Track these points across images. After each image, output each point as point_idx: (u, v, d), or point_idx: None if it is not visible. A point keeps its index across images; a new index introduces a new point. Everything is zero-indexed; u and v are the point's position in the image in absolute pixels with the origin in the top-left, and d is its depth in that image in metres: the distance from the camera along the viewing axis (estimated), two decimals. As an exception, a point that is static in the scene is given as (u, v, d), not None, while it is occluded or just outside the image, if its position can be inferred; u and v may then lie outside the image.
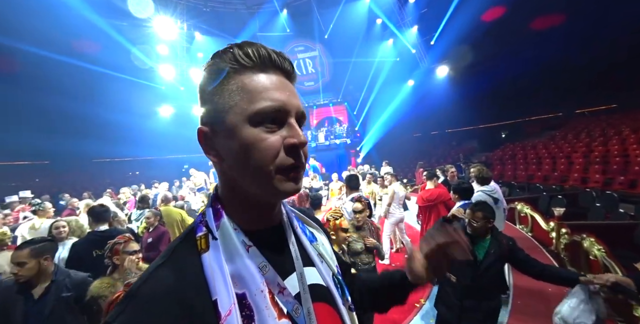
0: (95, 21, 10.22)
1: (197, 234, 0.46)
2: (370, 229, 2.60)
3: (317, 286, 0.53)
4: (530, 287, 3.30)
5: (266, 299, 0.43)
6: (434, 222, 3.71)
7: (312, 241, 0.59)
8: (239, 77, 0.45)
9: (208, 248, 0.44)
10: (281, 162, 0.44)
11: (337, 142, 16.02)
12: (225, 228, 0.46)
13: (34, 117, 11.85)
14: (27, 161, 13.39)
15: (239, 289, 0.42)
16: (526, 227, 5.30)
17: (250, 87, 0.44)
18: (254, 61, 0.45)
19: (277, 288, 0.46)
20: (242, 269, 0.43)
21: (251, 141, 0.43)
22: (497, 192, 3.28)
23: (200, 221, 0.49)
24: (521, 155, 10.74)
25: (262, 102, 0.43)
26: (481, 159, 11.98)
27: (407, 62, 14.91)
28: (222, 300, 0.40)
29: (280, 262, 0.49)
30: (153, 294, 0.39)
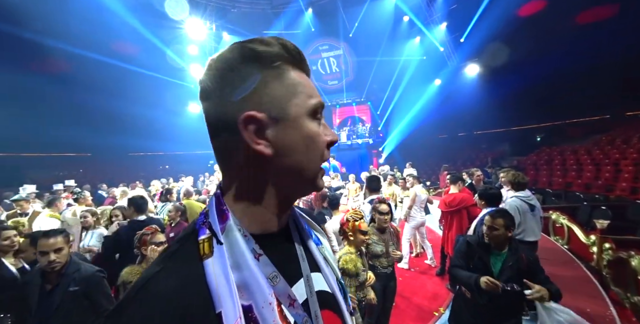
0: (134, 24, 10.94)
1: (199, 237, 0.41)
2: (390, 232, 2.54)
3: (323, 293, 0.50)
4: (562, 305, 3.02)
5: (274, 313, 0.39)
6: (456, 229, 3.52)
7: (318, 244, 0.56)
8: (294, 70, 0.45)
9: (212, 253, 0.39)
10: (325, 158, 0.46)
11: (359, 142, 15.81)
12: (231, 232, 0.41)
13: (79, 113, 12.91)
14: (72, 152, 14.61)
15: (245, 301, 0.38)
16: (562, 239, 4.88)
17: (305, 83, 0.45)
18: (301, 59, 0.46)
19: (287, 300, 0.42)
20: (249, 279, 0.39)
21: (313, 135, 0.44)
22: (533, 199, 3.05)
23: (202, 222, 0.43)
24: (559, 160, 9.92)
25: (315, 98, 0.45)
26: (512, 164, 11.23)
27: (434, 61, 14.34)
28: (227, 313, 0.35)
29: (288, 268, 0.46)
30: (146, 307, 0.34)
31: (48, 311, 1.58)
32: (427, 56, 14.66)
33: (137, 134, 14.33)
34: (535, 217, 3.01)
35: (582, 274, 3.70)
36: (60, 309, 1.59)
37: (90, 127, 12.81)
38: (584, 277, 3.64)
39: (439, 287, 3.68)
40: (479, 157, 13.49)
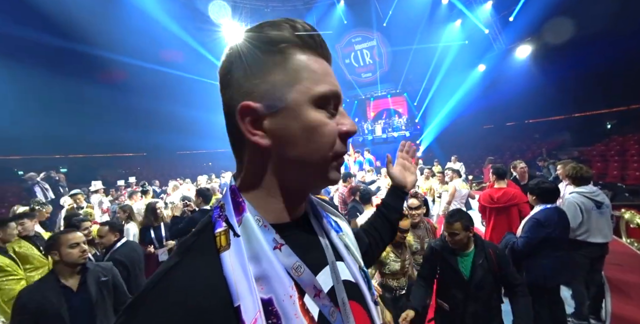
0: (177, 32, 12.00)
1: (215, 230, 0.40)
2: (426, 227, 2.49)
3: (347, 283, 0.49)
4: (635, 317, 2.61)
5: (295, 306, 0.38)
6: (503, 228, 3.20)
7: (338, 232, 0.55)
8: (303, 54, 0.42)
9: (229, 246, 0.38)
10: (337, 149, 0.43)
11: (394, 135, 15.29)
12: (248, 224, 0.40)
13: (134, 116, 14.52)
14: (131, 153, 16.49)
15: (264, 294, 0.36)
16: (637, 242, 4.20)
17: (315, 68, 0.42)
18: (314, 41, 0.43)
19: (313, 290, 0.41)
20: (268, 271, 0.38)
21: (316, 124, 0.40)
22: (600, 194, 2.66)
23: (218, 215, 0.42)
24: (635, 150, 8.50)
25: (326, 85, 0.42)
26: (573, 155, 9.89)
27: (477, 45, 13.17)
28: (246, 306, 0.34)
29: (311, 257, 0.44)
30: (164, 300, 0.34)
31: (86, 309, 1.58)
32: (469, 40, 13.53)
33: (184, 134, 15.62)
34: (603, 215, 2.62)
35: (664, 283, 3.15)
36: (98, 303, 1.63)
37: (145, 129, 14.29)
38: (665, 287, 3.09)
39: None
40: (531, 148, 12.13)
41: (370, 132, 16.06)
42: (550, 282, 2.24)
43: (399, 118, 15.98)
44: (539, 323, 2.25)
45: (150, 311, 0.33)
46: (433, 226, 2.56)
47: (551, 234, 2.20)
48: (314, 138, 0.41)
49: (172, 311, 0.33)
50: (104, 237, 2.34)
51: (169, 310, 0.33)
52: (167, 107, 13.96)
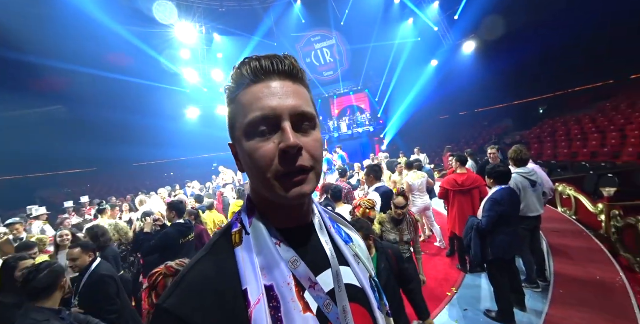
0: (124, 35, 10.92)
1: (232, 230, 0.51)
2: (408, 221, 2.57)
3: (351, 287, 0.53)
4: (573, 275, 3.09)
5: (292, 292, 0.45)
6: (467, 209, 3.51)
7: (348, 242, 0.60)
8: (238, 95, 0.49)
9: (241, 243, 0.49)
10: (276, 170, 0.45)
11: (359, 131, 15.75)
12: (256, 225, 0.50)
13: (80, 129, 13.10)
14: (78, 169, 14.88)
15: (267, 281, 0.45)
16: (569, 210, 4.90)
17: (244, 102, 0.47)
18: (248, 77, 0.47)
19: (308, 282, 0.47)
20: (271, 262, 0.47)
21: (249, 153, 0.46)
22: (535, 174, 3.06)
23: (236, 218, 0.54)
24: (563, 131, 9.79)
25: (251, 114, 0.46)
26: (516, 139, 11.11)
27: (429, 42, 14.05)
28: (252, 290, 0.43)
29: (312, 259, 0.51)
30: (194, 282, 0.44)
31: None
32: (421, 37, 14.36)
33: (139, 144, 14.49)
34: (536, 193, 3.03)
35: (592, 243, 3.74)
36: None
37: (92, 142, 12.99)
38: (593, 246, 3.68)
39: (450, 268, 3.77)
40: (482, 135, 13.37)
41: (336, 130, 16.37)
42: (508, 254, 2.56)
43: (362, 114, 16.49)
44: (502, 291, 2.57)
45: (184, 288, 0.44)
46: (415, 219, 2.64)
47: (506, 211, 2.51)
48: (252, 165, 0.47)
49: (199, 289, 0.44)
50: (78, 260, 2.13)
51: (197, 291, 0.43)
52: (118, 117, 12.80)
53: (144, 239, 2.95)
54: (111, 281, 2.09)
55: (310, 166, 0.47)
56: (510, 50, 11.90)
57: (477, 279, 3.38)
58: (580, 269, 3.17)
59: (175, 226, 2.98)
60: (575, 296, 2.73)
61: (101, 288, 2.05)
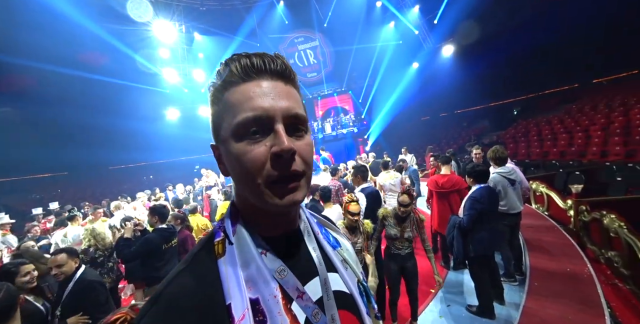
0: (97, 31, 10.36)
1: (215, 240, 0.47)
2: (412, 219, 2.59)
3: (339, 293, 0.52)
4: (547, 268, 3.27)
5: (279, 305, 0.43)
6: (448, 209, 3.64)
7: (336, 247, 0.58)
8: (226, 93, 0.45)
9: (224, 253, 0.45)
10: (268, 175, 0.42)
11: (344, 132, 15.89)
12: (240, 234, 0.46)
13: (49, 131, 12.32)
14: (47, 173, 13.99)
15: (252, 294, 0.42)
16: (542, 206, 5.19)
17: (233, 101, 0.44)
18: (237, 74, 0.44)
19: (295, 292, 0.45)
20: (256, 274, 0.43)
21: (236, 155, 0.43)
22: (514, 173, 3.20)
23: (219, 226, 0.50)
24: (535, 132, 10.37)
25: (242, 114, 0.42)
26: (493, 139, 11.65)
27: (410, 45, 14.45)
28: (236, 305, 0.40)
29: (299, 267, 0.48)
30: (172, 299, 0.41)
31: None
32: (403, 40, 14.73)
33: (116, 147, 13.86)
34: (515, 191, 3.19)
35: (562, 237, 3.99)
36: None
37: (64, 145, 12.28)
38: (563, 240, 3.92)
39: (434, 264, 3.87)
40: (462, 135, 13.90)
41: (320, 131, 16.43)
42: (489, 250, 2.68)
43: (346, 115, 16.65)
44: (483, 287, 2.68)
45: (161, 305, 0.40)
46: (419, 218, 2.63)
47: (485, 208, 2.62)
48: (240, 168, 0.43)
49: (178, 306, 0.40)
50: (65, 266, 1.99)
51: (176, 306, 0.40)
52: (94, 119, 12.18)
53: (124, 245, 2.82)
54: (100, 288, 2.01)
55: (303, 171, 0.44)
56: (485, 54, 12.49)
57: (459, 276, 3.50)
58: (553, 262, 3.37)
59: (157, 231, 2.88)
60: (549, 288, 2.89)
61: (89, 295, 1.96)
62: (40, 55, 9.83)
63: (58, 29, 9.68)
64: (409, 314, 2.67)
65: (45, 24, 9.45)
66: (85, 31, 10.06)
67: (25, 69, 10.02)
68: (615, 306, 2.54)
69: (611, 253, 3.19)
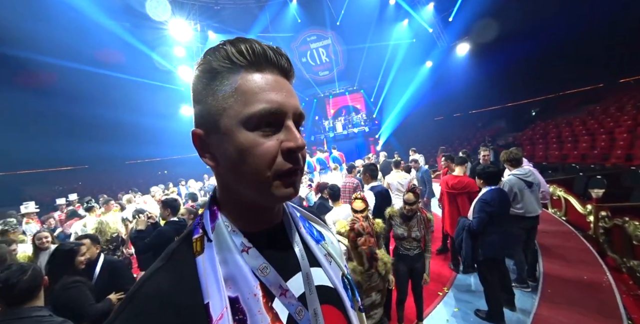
0: (116, 30, 10.73)
1: (193, 237, 0.46)
2: (418, 218, 2.55)
3: (323, 288, 0.51)
4: (562, 275, 3.14)
5: (259, 304, 0.42)
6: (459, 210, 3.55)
7: (319, 241, 0.57)
8: (233, 77, 0.42)
9: (203, 250, 0.43)
10: (279, 168, 0.42)
11: (355, 131, 15.81)
12: (220, 230, 0.45)
13: (71, 126, 12.85)
14: (69, 166, 14.61)
15: (232, 293, 0.41)
16: (559, 211, 4.98)
17: (245, 88, 0.42)
18: (248, 59, 0.42)
19: (278, 290, 0.44)
20: (235, 272, 0.42)
21: (246, 146, 0.41)
22: (531, 175, 3.07)
23: (197, 223, 0.48)
24: (554, 133, 9.97)
25: (257, 104, 0.41)
26: (508, 140, 11.28)
27: (424, 43, 14.18)
28: (214, 304, 0.39)
29: (282, 262, 0.47)
30: (148, 298, 0.39)
31: None
32: (416, 39, 14.47)
33: (132, 142, 14.30)
34: (533, 193, 3.06)
35: (579, 244, 3.82)
36: None
37: (85, 139, 12.77)
38: (581, 246, 3.75)
39: (441, 267, 3.79)
40: (476, 136, 13.53)
41: (331, 129, 16.40)
42: (499, 254, 2.59)
43: (357, 114, 16.53)
44: (492, 291, 2.60)
45: (136, 304, 0.39)
46: (426, 217, 2.59)
47: (495, 211, 2.54)
48: (248, 160, 0.41)
49: (153, 305, 0.38)
50: (88, 252, 2.11)
51: (151, 307, 0.38)
52: (112, 114, 12.60)
53: (138, 237, 2.92)
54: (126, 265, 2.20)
55: (302, 167, 0.45)
56: (503, 52, 12.08)
57: (468, 279, 3.41)
58: (569, 269, 3.23)
59: (170, 223, 2.96)
60: (563, 295, 2.77)
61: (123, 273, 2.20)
62: (63, 52, 10.26)
63: (80, 28, 10.08)
64: (414, 316, 2.62)
65: (68, 23, 9.86)
66: (105, 30, 10.43)
67: (49, 66, 10.49)
68: (636, 318, 2.40)
69: (634, 262, 3.03)
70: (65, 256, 1.94)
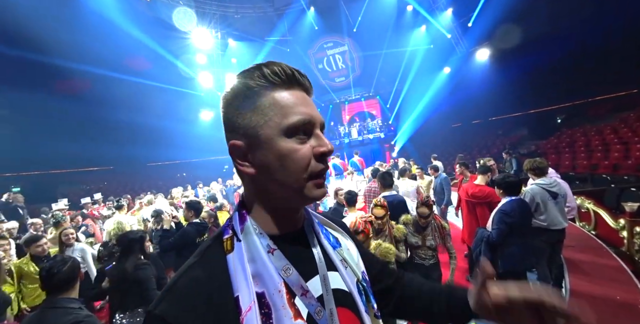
0: (143, 39, 11.41)
1: (224, 237, 0.51)
2: (433, 227, 2.52)
3: (339, 291, 0.54)
4: (590, 293, 2.92)
5: (283, 299, 0.45)
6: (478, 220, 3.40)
7: (336, 247, 0.60)
8: (270, 94, 0.49)
9: (233, 249, 0.49)
10: (312, 170, 0.48)
11: (370, 137, 15.70)
12: (248, 231, 0.50)
13: (99, 129, 13.62)
14: (96, 167, 15.41)
15: (259, 288, 0.45)
16: (588, 224, 4.67)
17: (282, 103, 0.48)
18: (281, 79, 0.49)
19: (300, 290, 0.48)
20: (262, 269, 0.46)
21: (286, 152, 0.47)
22: (556, 186, 2.90)
23: (227, 225, 0.54)
24: (582, 142, 9.43)
25: (293, 116, 0.48)
26: (531, 149, 10.79)
27: (442, 49, 13.98)
28: (243, 297, 0.44)
29: (303, 265, 0.51)
30: (185, 289, 0.45)
31: None
32: (434, 45, 14.31)
33: (154, 145, 14.89)
34: (557, 205, 2.89)
35: (612, 261, 3.54)
36: None
37: (110, 142, 13.46)
38: (613, 263, 3.48)
39: (459, 279, 3.63)
40: (496, 144, 13.05)
41: (347, 135, 16.36)
42: (519, 267, 2.46)
43: (372, 120, 16.43)
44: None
45: (175, 295, 0.44)
46: (441, 225, 2.55)
47: (515, 222, 2.42)
48: (287, 164, 0.47)
49: (190, 296, 0.44)
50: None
51: (187, 297, 0.44)
52: (136, 118, 13.25)
53: (163, 236, 3.05)
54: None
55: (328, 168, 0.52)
56: (527, 57, 11.65)
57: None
58: (599, 287, 3.00)
59: (192, 225, 3.10)
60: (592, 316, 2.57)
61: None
62: (94, 60, 10.99)
63: (110, 37, 10.80)
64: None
65: (100, 32, 10.60)
66: (135, 40, 11.11)
67: (81, 73, 11.25)
68: (676, 345, 2.19)
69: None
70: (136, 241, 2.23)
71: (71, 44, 10.26)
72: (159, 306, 0.43)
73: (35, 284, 2.65)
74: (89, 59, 10.80)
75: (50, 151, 11.79)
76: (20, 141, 10.48)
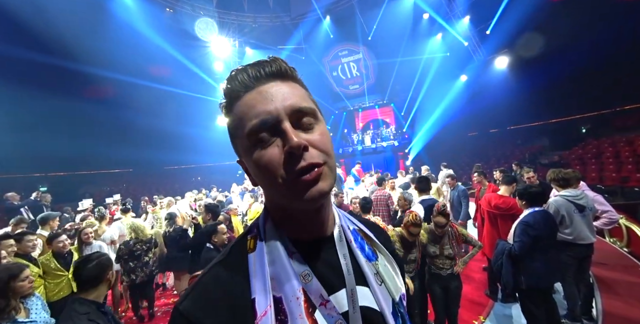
0: (166, 48, 12.01)
1: (249, 235, 0.51)
2: (450, 235, 2.48)
3: (369, 310, 0.47)
4: (628, 316, 2.69)
5: (300, 308, 0.43)
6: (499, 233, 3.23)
7: (371, 260, 0.53)
8: (233, 109, 0.47)
9: (255, 248, 0.48)
10: (289, 170, 0.42)
11: (384, 144, 15.51)
12: (270, 232, 0.49)
13: (121, 132, 14.24)
14: (116, 169, 16.04)
15: (277, 293, 0.43)
16: (620, 241, 4.36)
17: (240, 114, 0.46)
18: (237, 89, 0.46)
19: (319, 299, 0.44)
20: (281, 273, 0.45)
21: (255, 162, 0.44)
22: (583, 198, 2.74)
23: (254, 224, 0.53)
24: (610, 153, 8.94)
25: (249, 123, 0.44)
26: (553, 159, 10.32)
27: (458, 57, 13.79)
28: (260, 300, 0.42)
29: (327, 276, 0.47)
30: (209, 286, 0.45)
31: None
32: (450, 52, 14.15)
33: (172, 149, 15.38)
34: (584, 218, 2.71)
35: (648, 281, 3.27)
36: None
37: (131, 145, 14.00)
38: (650, 284, 3.21)
39: (477, 293, 3.46)
40: (514, 153, 12.59)
41: (360, 143, 16.27)
42: (543, 283, 2.30)
43: (386, 128, 16.29)
44: None
45: (199, 291, 0.45)
46: (458, 233, 2.49)
47: (539, 235, 2.28)
48: (262, 171, 0.44)
49: (213, 293, 0.44)
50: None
51: (211, 292, 0.44)
52: (156, 123, 13.82)
53: (182, 235, 3.14)
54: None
55: (323, 161, 0.44)
56: (548, 65, 11.32)
57: (507, 310, 3.06)
58: (635, 309, 2.76)
59: (211, 226, 3.13)
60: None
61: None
62: (120, 67, 11.65)
63: (136, 46, 11.44)
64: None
65: (126, 41, 11.27)
66: (157, 47, 11.71)
67: (107, 80, 11.92)
68: None
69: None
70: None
71: (99, 52, 10.97)
72: (183, 303, 0.44)
73: (57, 280, 2.72)
74: (114, 66, 11.46)
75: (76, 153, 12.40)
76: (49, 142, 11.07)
